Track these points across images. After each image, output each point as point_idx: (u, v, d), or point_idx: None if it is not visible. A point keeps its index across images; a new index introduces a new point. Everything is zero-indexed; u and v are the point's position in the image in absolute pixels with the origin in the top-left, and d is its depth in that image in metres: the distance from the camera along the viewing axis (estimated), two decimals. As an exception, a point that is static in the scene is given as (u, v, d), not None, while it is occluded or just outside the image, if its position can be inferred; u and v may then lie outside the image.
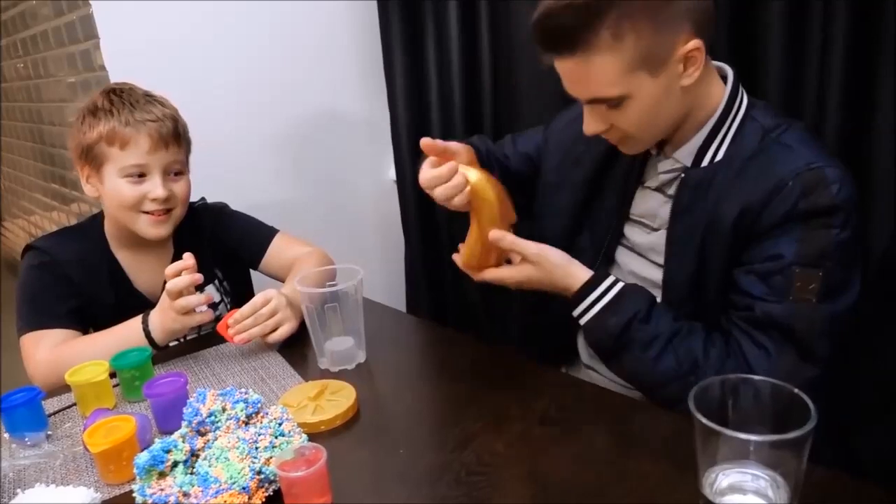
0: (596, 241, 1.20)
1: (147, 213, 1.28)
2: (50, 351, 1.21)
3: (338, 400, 1.00)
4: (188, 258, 1.15)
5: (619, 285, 1.01)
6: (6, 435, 0.99)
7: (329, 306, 1.11)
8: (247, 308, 1.19)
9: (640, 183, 1.14)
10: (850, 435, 1.17)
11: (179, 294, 1.15)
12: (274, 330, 1.21)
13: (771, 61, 1.21)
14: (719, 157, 1.01)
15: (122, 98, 1.27)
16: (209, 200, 1.58)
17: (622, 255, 1.19)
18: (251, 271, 1.55)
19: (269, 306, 1.20)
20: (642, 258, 1.14)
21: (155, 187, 1.26)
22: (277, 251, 1.47)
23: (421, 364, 1.12)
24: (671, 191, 1.07)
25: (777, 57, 1.20)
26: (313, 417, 0.95)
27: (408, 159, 2.03)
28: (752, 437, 0.61)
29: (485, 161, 1.23)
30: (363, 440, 0.94)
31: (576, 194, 1.21)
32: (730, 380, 0.68)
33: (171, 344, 1.26)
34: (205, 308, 1.18)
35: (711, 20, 0.96)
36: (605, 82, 0.94)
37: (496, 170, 1.27)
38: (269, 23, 1.93)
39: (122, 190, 1.26)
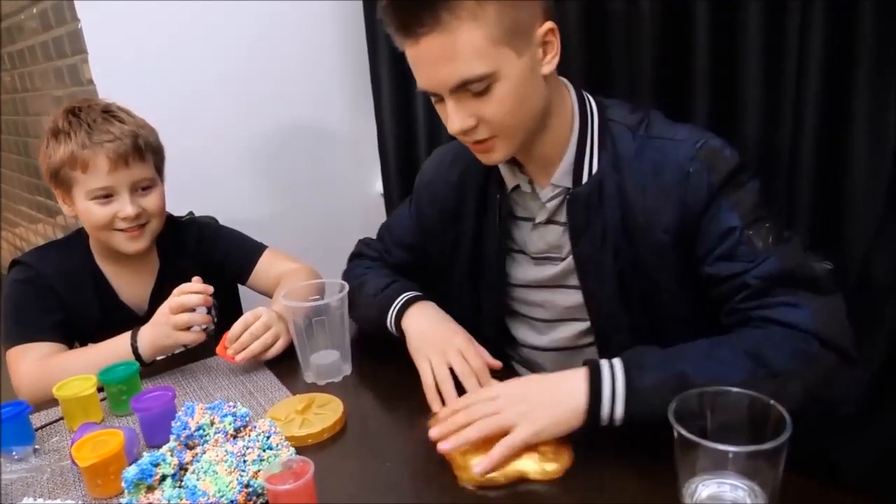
0: (493, 297, 1.19)
1: (120, 230, 1.28)
2: (35, 364, 1.21)
3: (325, 413, 1.01)
4: (199, 282, 1.17)
5: (617, 361, 0.88)
6: (-7, 450, 0.99)
7: (316, 320, 1.12)
8: (238, 326, 1.19)
9: (530, 221, 1.11)
10: (829, 444, 1.19)
11: (182, 310, 1.15)
12: (272, 344, 1.21)
13: (749, 75, 1.23)
14: (595, 167, 1.01)
15: (79, 118, 1.26)
16: (196, 213, 1.59)
17: (531, 295, 1.16)
18: (240, 287, 1.55)
19: (262, 320, 1.20)
20: (560, 288, 1.11)
21: (124, 206, 1.26)
22: (265, 267, 1.47)
23: (407, 376, 1.13)
24: (563, 217, 1.06)
25: (755, 73, 1.22)
26: (301, 431, 0.96)
27: (395, 173, 2.05)
28: (730, 448, 0.63)
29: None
30: (350, 453, 0.95)
31: (465, 251, 1.18)
32: (708, 392, 0.70)
33: (157, 358, 1.26)
34: (199, 329, 1.18)
35: (553, 10, 0.96)
36: (473, 55, 0.89)
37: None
38: (255, 35, 1.95)
39: (92, 211, 1.26)
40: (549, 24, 0.93)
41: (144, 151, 1.28)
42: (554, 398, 0.87)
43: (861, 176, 1.13)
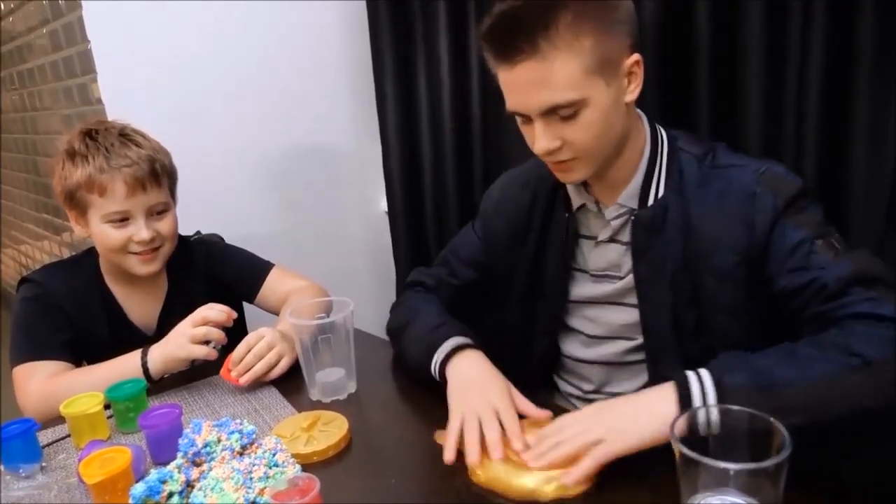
0: (551, 314, 1.21)
1: (134, 253, 1.29)
2: (43, 382, 1.21)
3: (330, 431, 1.01)
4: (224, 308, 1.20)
5: (703, 370, 0.86)
6: (1, 467, 1.00)
7: (322, 338, 1.13)
8: (241, 347, 1.20)
9: (593, 239, 1.14)
10: (839, 460, 1.19)
11: (204, 323, 1.17)
12: (276, 364, 1.22)
13: (751, 80, 1.24)
14: (661, 192, 1.05)
15: (97, 142, 1.27)
16: (203, 232, 1.60)
17: (586, 311, 1.18)
18: (245, 305, 1.56)
19: (265, 340, 1.21)
20: (616, 305, 1.14)
21: (139, 230, 1.27)
22: (273, 285, 1.48)
23: (411, 394, 1.14)
24: (625, 237, 1.09)
25: (756, 76, 1.23)
26: (306, 448, 0.97)
27: (399, 191, 2.06)
28: (731, 466, 0.64)
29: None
30: (355, 470, 0.96)
31: (526, 268, 1.21)
32: (710, 410, 0.71)
33: (164, 376, 1.27)
34: (213, 346, 1.19)
35: (639, 39, 1.01)
36: (567, 84, 0.94)
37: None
38: (262, 56, 1.97)
39: (108, 234, 1.27)
40: (635, 57, 0.98)
41: (160, 176, 1.30)
42: (643, 411, 0.86)
43: (861, 186, 1.14)
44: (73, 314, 1.32)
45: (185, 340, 1.18)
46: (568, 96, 0.94)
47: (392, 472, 0.94)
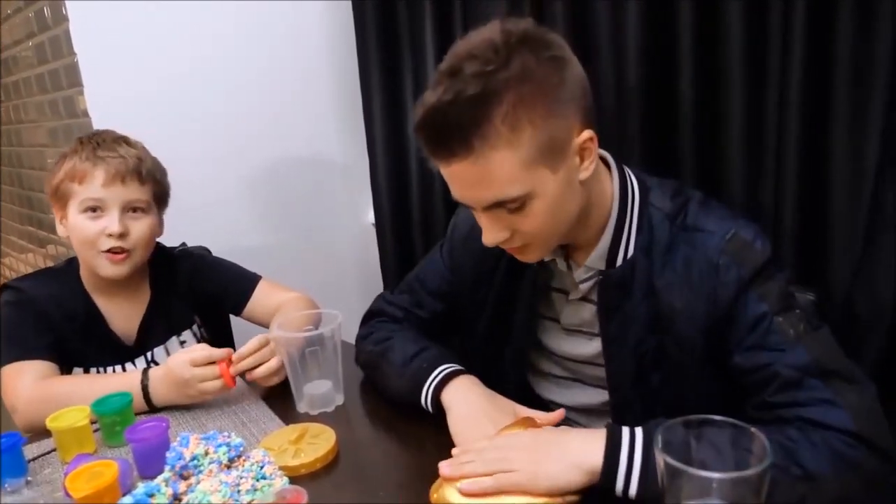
0: (517, 357, 1.19)
1: (105, 251, 1.29)
2: (34, 385, 1.20)
3: (318, 443, 1.02)
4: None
5: (639, 431, 0.86)
6: (-14, 482, 0.99)
7: (309, 350, 1.14)
8: (246, 349, 1.20)
9: (564, 294, 1.11)
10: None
11: (207, 362, 1.16)
12: (276, 370, 1.21)
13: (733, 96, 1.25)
14: (630, 252, 1.01)
15: (91, 140, 1.31)
16: (189, 244, 1.60)
17: (559, 360, 1.17)
18: (231, 318, 1.56)
19: (268, 348, 1.21)
20: (589, 364, 1.11)
21: (111, 222, 1.27)
22: (261, 298, 1.48)
23: (398, 407, 1.14)
24: (595, 296, 1.05)
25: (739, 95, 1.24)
26: (294, 461, 0.97)
27: (386, 203, 2.07)
28: (715, 475, 0.65)
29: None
30: (343, 483, 0.96)
31: (493, 308, 1.18)
32: (692, 421, 0.72)
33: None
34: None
35: (593, 110, 0.94)
36: (507, 180, 0.87)
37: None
38: (250, 69, 1.98)
39: (82, 226, 1.28)
40: (586, 134, 0.91)
41: (144, 176, 1.31)
42: (562, 452, 0.86)
43: (842, 211, 1.15)
44: (54, 318, 1.31)
45: (194, 392, 1.17)
46: (511, 193, 0.88)
47: (380, 484, 0.95)
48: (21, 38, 2.16)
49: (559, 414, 1.04)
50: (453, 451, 0.92)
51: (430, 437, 1.06)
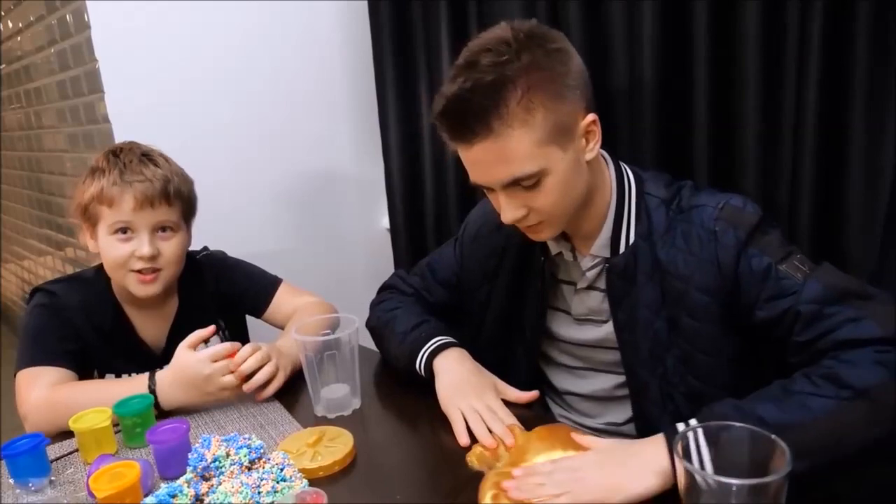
0: (528, 349, 1.25)
1: (136, 272, 1.29)
2: (46, 391, 1.21)
3: (335, 446, 1.02)
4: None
5: (693, 421, 0.87)
6: (10, 481, 1.01)
7: (327, 354, 1.15)
8: (246, 350, 1.20)
9: (572, 285, 1.18)
10: (834, 478, 1.20)
11: (221, 357, 1.17)
12: (273, 376, 1.22)
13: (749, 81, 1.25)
14: (632, 238, 1.08)
15: (118, 158, 1.30)
16: (210, 248, 1.62)
17: (571, 349, 1.22)
18: (248, 319, 1.57)
19: (263, 350, 1.21)
20: (600, 349, 1.18)
21: (141, 245, 1.27)
22: (281, 301, 1.48)
23: (415, 410, 1.15)
24: (603, 284, 1.12)
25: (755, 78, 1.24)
26: (312, 463, 0.98)
27: (401, 208, 2.08)
28: (734, 482, 0.65)
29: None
30: (361, 486, 0.97)
31: (500, 304, 1.26)
32: (710, 427, 0.72)
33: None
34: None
35: (593, 98, 1.02)
36: (524, 158, 0.96)
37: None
38: (269, 77, 2.01)
39: (111, 247, 1.28)
40: (590, 117, 1.00)
41: (172, 197, 1.31)
42: (635, 461, 0.86)
43: (858, 212, 1.16)
44: (83, 327, 1.32)
45: (212, 389, 1.18)
46: (527, 169, 0.97)
47: (396, 488, 0.95)
48: (43, 45, 2.19)
49: (533, 394, 1.14)
50: (514, 471, 0.90)
51: (446, 441, 1.07)
